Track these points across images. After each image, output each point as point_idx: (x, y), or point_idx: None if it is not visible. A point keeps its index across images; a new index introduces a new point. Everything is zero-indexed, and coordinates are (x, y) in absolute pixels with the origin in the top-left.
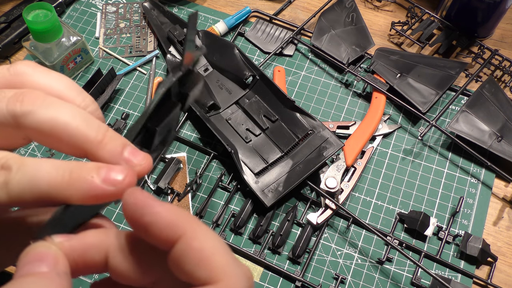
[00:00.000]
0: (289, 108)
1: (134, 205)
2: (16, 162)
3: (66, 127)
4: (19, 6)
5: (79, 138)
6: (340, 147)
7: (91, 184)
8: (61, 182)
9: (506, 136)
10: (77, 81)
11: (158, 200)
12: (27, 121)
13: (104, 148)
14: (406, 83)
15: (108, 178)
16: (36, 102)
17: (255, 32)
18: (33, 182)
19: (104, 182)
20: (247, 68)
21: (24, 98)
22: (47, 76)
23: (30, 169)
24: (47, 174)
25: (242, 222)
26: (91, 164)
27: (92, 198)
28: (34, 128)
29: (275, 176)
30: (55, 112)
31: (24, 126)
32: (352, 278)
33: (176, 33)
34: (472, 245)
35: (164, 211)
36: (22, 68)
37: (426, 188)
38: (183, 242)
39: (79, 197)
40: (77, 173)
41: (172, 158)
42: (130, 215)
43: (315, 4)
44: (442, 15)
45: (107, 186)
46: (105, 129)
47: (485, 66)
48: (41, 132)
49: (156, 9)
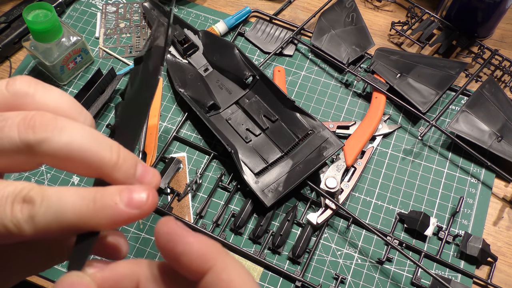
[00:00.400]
0: (289, 108)
1: (168, 235)
2: (38, 193)
3: (82, 151)
4: (19, 6)
5: (94, 161)
6: (340, 147)
7: (116, 210)
8: (86, 211)
9: (506, 136)
10: (77, 81)
11: (191, 231)
12: (42, 148)
13: (120, 170)
14: (406, 83)
15: (131, 202)
16: (48, 127)
17: (255, 32)
18: (59, 214)
19: (128, 206)
20: (247, 68)
21: (35, 123)
22: (50, 95)
23: (54, 201)
24: (72, 204)
25: (242, 222)
26: (113, 189)
27: (119, 223)
28: (49, 155)
29: (275, 176)
30: (69, 136)
31: (39, 154)
32: (352, 278)
33: (176, 33)
34: (472, 245)
35: (197, 242)
36: (23, 88)
37: (426, 188)
38: (213, 273)
39: (106, 224)
40: (101, 201)
41: (172, 158)
42: (163, 244)
43: (315, 4)
44: (442, 15)
45: (131, 210)
46: (117, 149)
47: (485, 66)
48: (56, 158)
49: (156, 9)
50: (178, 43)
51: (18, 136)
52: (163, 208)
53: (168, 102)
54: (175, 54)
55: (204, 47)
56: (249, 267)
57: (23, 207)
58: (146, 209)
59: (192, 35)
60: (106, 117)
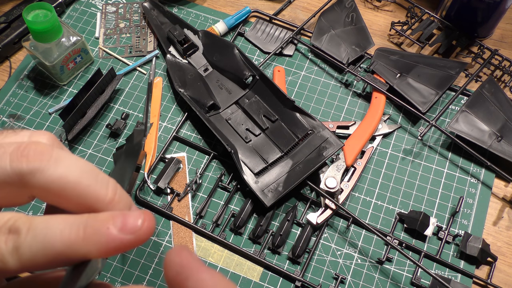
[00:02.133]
0: (289, 108)
1: (180, 266)
2: (25, 223)
3: (77, 186)
4: (19, 6)
5: (89, 198)
6: (340, 147)
7: (108, 236)
8: (76, 239)
9: (506, 136)
10: (77, 81)
11: (205, 265)
12: (34, 180)
13: (114, 208)
14: (406, 83)
15: (125, 227)
16: (43, 157)
17: (255, 32)
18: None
19: (122, 231)
20: (247, 68)
21: (29, 153)
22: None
23: (41, 230)
24: (59, 232)
25: (242, 222)
26: (105, 214)
27: (111, 251)
28: (42, 187)
29: (275, 176)
30: (65, 169)
31: (31, 186)
32: (352, 278)
33: (176, 33)
34: (472, 245)
35: (210, 279)
36: None
37: (426, 188)
38: None
39: (97, 252)
40: (92, 227)
41: (172, 158)
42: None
43: (315, 4)
44: (442, 15)
45: (125, 235)
46: (114, 186)
47: (485, 66)
48: (49, 192)
49: (156, 9)
50: (178, 43)
51: (9, 165)
52: (163, 208)
53: (168, 102)
54: (175, 54)
55: (204, 47)
56: (249, 267)
57: (8, 238)
58: (141, 235)
59: (192, 35)
60: (106, 117)
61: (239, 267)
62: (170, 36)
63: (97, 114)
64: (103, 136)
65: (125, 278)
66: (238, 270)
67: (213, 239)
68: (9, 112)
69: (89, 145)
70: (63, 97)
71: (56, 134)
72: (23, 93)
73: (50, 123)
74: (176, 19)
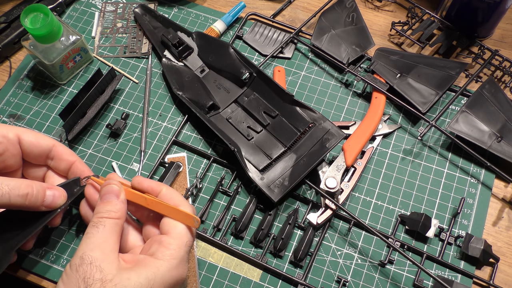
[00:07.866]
0: (289, 103)
1: None
2: None
3: None
4: (19, 6)
5: None
6: (342, 137)
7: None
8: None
9: (506, 137)
10: (77, 81)
11: None
12: None
13: None
14: (406, 83)
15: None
16: None
17: (253, 35)
18: None
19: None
20: (243, 66)
21: None
22: None
23: None
24: None
25: (243, 226)
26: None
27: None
28: None
29: (280, 171)
30: None
31: None
32: (352, 278)
33: (170, 37)
34: (473, 246)
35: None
36: None
37: (426, 188)
38: None
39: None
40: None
41: (171, 163)
42: None
43: (315, 4)
44: (442, 15)
45: (46, 200)
46: None
47: (485, 66)
48: None
49: (148, 14)
50: (172, 46)
51: None
52: None
53: (167, 103)
54: (170, 57)
55: (199, 48)
56: (249, 267)
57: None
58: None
59: (186, 38)
60: (106, 117)
61: (239, 267)
62: (164, 40)
63: (97, 114)
64: (103, 136)
65: None
66: (238, 270)
67: (215, 244)
68: (9, 112)
69: (89, 145)
70: (63, 97)
71: (56, 134)
72: (23, 93)
73: (50, 123)
74: (169, 23)
